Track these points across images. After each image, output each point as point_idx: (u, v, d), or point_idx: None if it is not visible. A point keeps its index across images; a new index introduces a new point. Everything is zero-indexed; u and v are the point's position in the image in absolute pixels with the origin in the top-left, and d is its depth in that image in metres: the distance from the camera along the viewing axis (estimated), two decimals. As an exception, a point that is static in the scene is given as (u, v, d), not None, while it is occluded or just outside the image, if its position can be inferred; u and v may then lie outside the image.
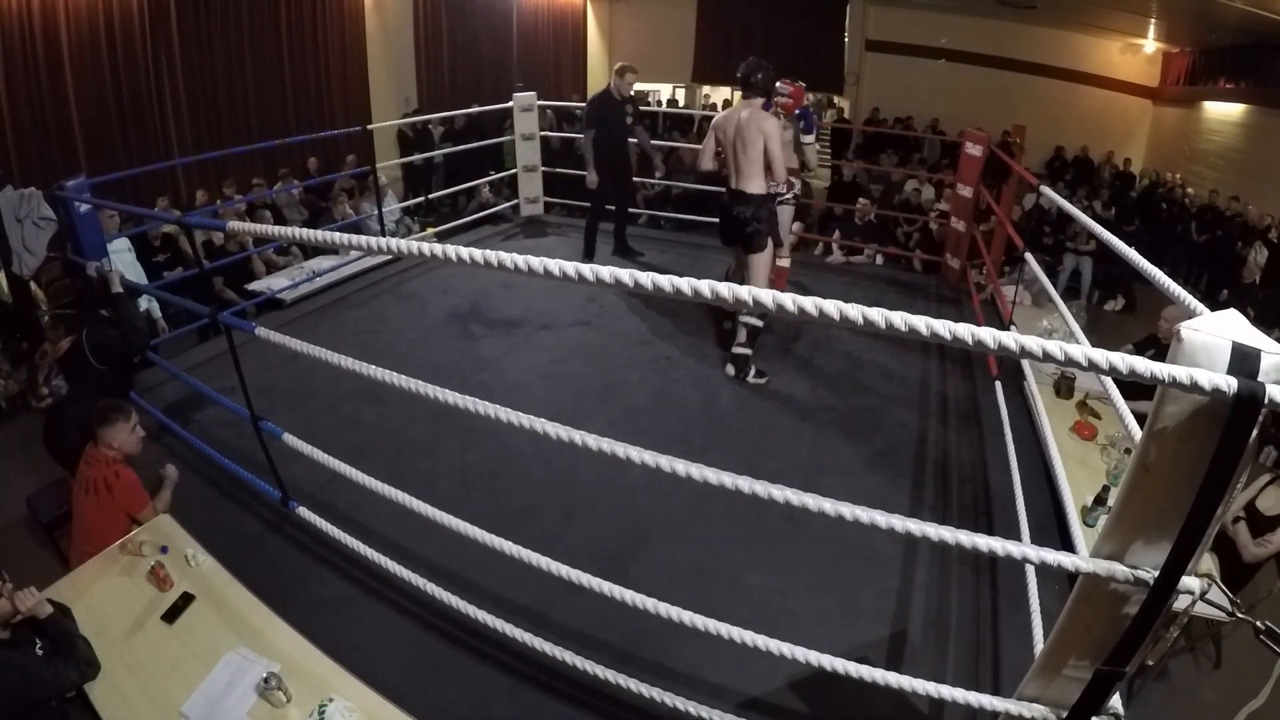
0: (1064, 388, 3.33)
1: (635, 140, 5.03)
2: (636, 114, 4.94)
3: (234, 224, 1.91)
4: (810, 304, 0.98)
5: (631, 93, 4.88)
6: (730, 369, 3.68)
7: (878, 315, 0.95)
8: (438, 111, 8.36)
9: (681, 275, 1.08)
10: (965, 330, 0.93)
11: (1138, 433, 1.18)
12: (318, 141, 7.33)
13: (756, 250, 3.57)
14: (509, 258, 1.17)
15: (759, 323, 3.64)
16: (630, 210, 5.82)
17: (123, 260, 4.37)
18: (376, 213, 5.50)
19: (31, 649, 1.76)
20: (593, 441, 1.37)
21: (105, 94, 6.18)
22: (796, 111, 3.94)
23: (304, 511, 2.37)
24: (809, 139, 4.13)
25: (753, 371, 3.64)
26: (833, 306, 0.97)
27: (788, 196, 4.09)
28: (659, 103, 12.92)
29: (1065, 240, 7.44)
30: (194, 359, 3.82)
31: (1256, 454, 0.94)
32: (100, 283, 3.05)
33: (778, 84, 3.82)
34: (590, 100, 4.93)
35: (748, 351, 3.64)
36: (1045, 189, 3.40)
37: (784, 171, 3.54)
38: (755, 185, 3.49)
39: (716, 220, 3.83)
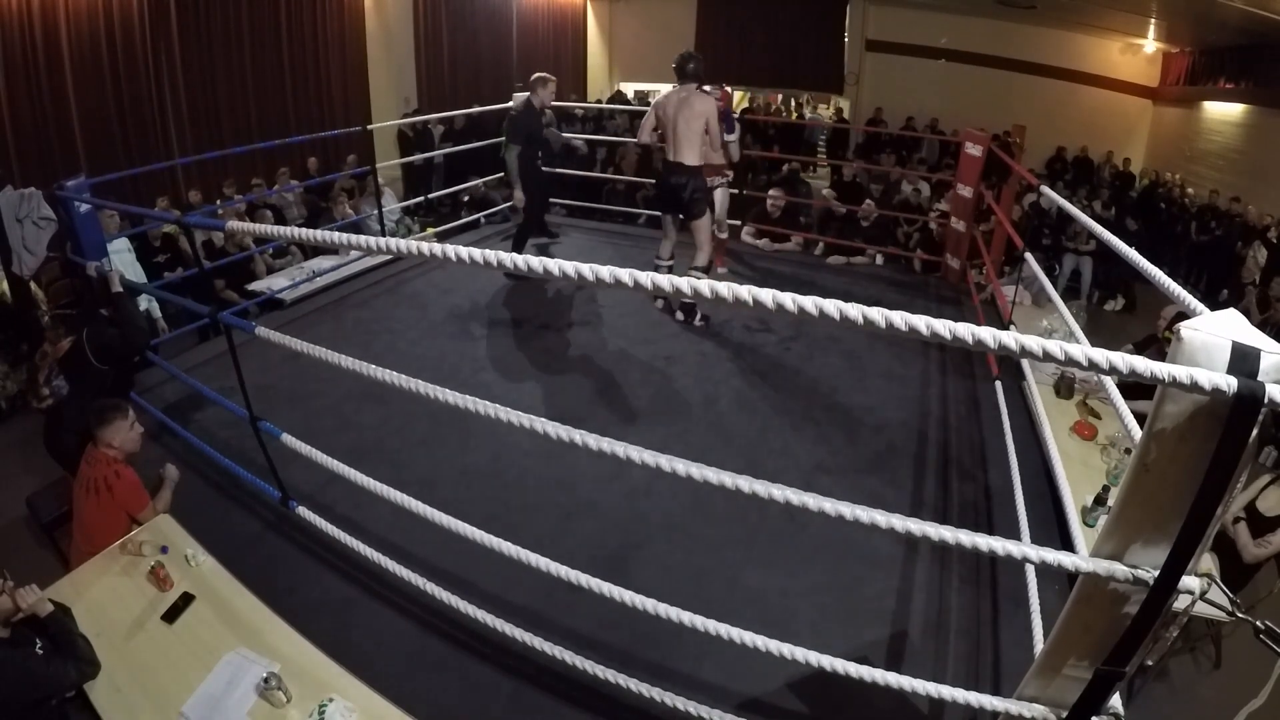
0: (1064, 388, 3.33)
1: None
2: (552, 121, 5.03)
3: (233, 224, 1.91)
4: (810, 304, 0.98)
5: (550, 102, 4.76)
6: (679, 314, 4.22)
7: (878, 315, 0.95)
8: (438, 111, 8.36)
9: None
10: (965, 330, 0.93)
11: (1138, 433, 1.18)
12: (318, 141, 7.33)
13: (697, 216, 3.94)
14: (509, 258, 1.17)
15: (703, 271, 4.04)
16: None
17: (123, 260, 4.37)
18: (376, 212, 5.50)
19: (31, 648, 1.76)
20: (593, 441, 1.37)
21: (105, 94, 6.19)
22: (721, 112, 4.25)
23: (304, 511, 2.37)
24: (731, 137, 4.60)
25: (698, 316, 4.18)
26: (833, 306, 0.97)
27: (719, 182, 4.71)
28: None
29: (1065, 240, 7.44)
30: (194, 359, 3.82)
31: (1256, 454, 0.94)
32: (100, 283, 3.05)
33: (708, 89, 4.28)
34: (516, 115, 4.60)
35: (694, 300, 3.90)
36: (1045, 189, 3.40)
37: (719, 145, 4.06)
38: (691, 158, 3.82)
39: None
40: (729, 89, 4.56)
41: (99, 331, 2.83)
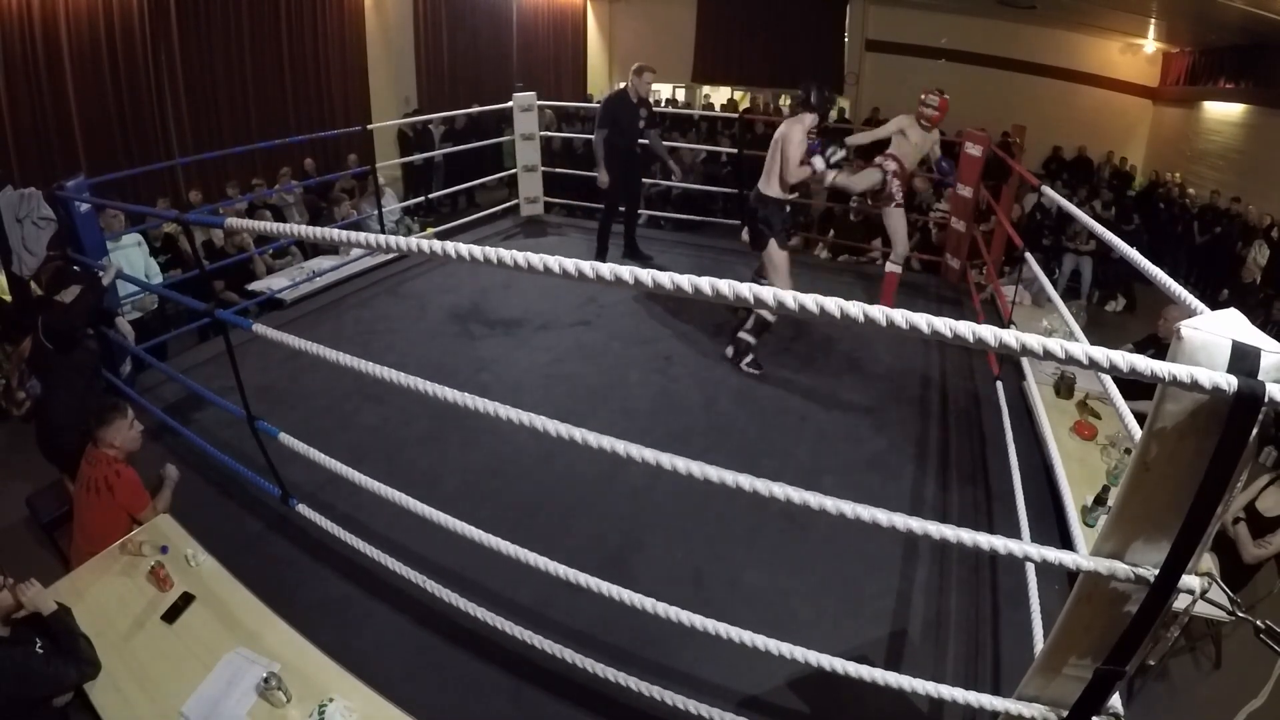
0: (1064, 388, 3.33)
1: (646, 141, 4.85)
2: (651, 116, 4.83)
3: (232, 220, 1.91)
4: (810, 303, 0.98)
5: (649, 94, 4.77)
6: (730, 350, 3.80)
7: (878, 314, 0.95)
8: (438, 111, 8.36)
9: (683, 274, 1.08)
10: (966, 328, 0.93)
11: (1138, 432, 1.18)
12: (317, 141, 7.32)
13: (759, 248, 3.76)
14: (509, 255, 1.17)
15: (770, 318, 3.70)
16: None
17: (131, 255, 4.33)
18: (376, 213, 5.50)
19: (32, 647, 1.76)
20: (593, 439, 1.37)
21: (105, 94, 6.18)
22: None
23: (304, 509, 2.37)
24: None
25: (749, 359, 3.72)
26: (833, 305, 0.97)
27: (899, 198, 4.43)
28: (658, 102, 12.93)
29: (1065, 240, 7.43)
30: (194, 359, 3.82)
31: (1256, 454, 0.94)
32: (51, 275, 3.04)
33: (923, 95, 4.13)
34: (606, 99, 4.87)
35: (751, 340, 3.72)
36: (1046, 189, 3.41)
37: (790, 176, 3.58)
38: (772, 189, 3.66)
39: (720, 221, 4.05)
40: (947, 97, 4.22)
41: (51, 316, 2.83)
